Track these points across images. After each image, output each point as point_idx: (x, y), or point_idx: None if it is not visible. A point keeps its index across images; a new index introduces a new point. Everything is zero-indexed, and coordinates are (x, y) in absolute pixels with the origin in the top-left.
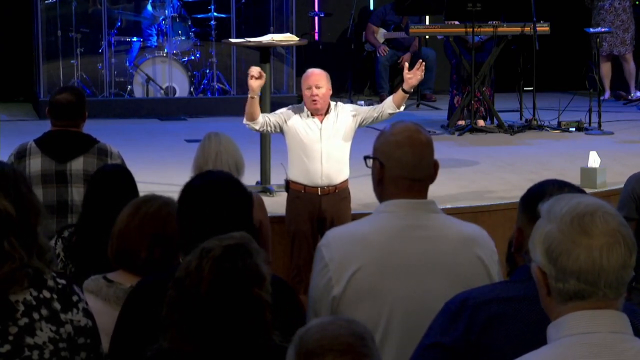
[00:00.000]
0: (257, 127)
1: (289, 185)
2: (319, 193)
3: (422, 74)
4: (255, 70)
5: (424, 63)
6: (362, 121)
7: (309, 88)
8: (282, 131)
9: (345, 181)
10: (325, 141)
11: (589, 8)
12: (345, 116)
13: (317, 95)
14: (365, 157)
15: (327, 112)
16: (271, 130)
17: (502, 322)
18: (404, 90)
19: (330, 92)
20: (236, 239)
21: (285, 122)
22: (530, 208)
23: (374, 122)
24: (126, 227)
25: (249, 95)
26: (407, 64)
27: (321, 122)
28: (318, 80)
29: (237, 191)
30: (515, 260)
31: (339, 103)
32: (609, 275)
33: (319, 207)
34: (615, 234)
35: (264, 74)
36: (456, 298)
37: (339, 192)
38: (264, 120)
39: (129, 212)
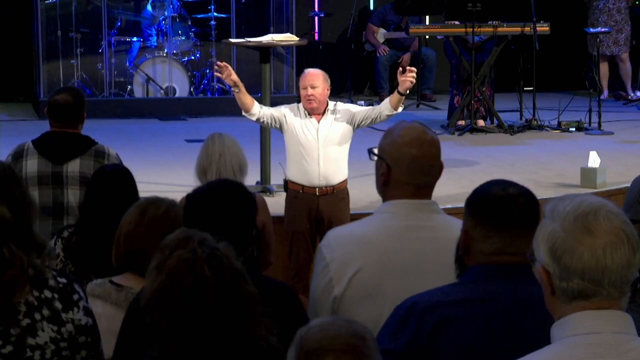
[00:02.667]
0: (253, 119)
1: (287, 185)
2: (317, 193)
3: (413, 79)
4: (217, 65)
5: (414, 68)
6: (361, 122)
7: (305, 88)
8: (281, 128)
9: (344, 181)
10: (323, 141)
11: (588, 7)
12: (344, 116)
13: (312, 95)
14: (370, 151)
15: (324, 112)
16: (271, 123)
17: (452, 325)
18: (399, 93)
19: (328, 91)
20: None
21: (286, 119)
22: (476, 210)
23: (372, 123)
24: (135, 230)
25: (233, 90)
26: (400, 69)
27: (318, 122)
28: (314, 79)
29: (240, 198)
30: (464, 262)
31: (338, 103)
32: (612, 274)
33: (316, 208)
34: (619, 233)
35: (226, 66)
36: (405, 302)
37: (337, 193)
38: (261, 112)
39: (136, 214)
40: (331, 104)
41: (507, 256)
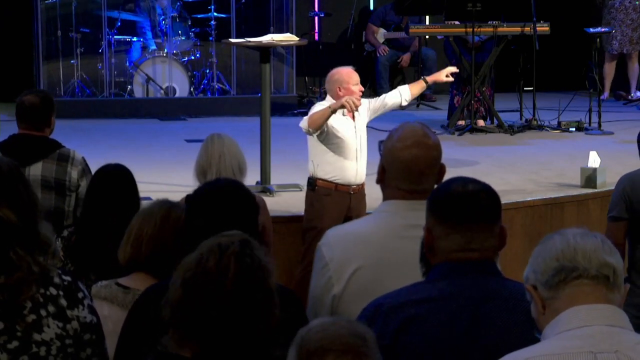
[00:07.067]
0: (318, 133)
1: (315, 183)
2: (350, 192)
3: (448, 79)
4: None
5: (455, 70)
6: (376, 111)
7: (356, 84)
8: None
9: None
10: (360, 139)
11: (599, 7)
12: (365, 112)
13: (362, 91)
14: (379, 145)
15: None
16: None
17: (416, 324)
18: (425, 81)
19: None
20: (240, 235)
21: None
22: (437, 208)
23: (385, 111)
24: (160, 232)
25: (332, 108)
26: (450, 69)
27: (353, 119)
28: (358, 78)
29: (244, 200)
30: (429, 260)
31: None
32: (585, 252)
33: (348, 206)
34: (588, 230)
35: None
36: (371, 304)
37: (362, 190)
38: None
39: (160, 216)
40: None
41: (469, 252)
